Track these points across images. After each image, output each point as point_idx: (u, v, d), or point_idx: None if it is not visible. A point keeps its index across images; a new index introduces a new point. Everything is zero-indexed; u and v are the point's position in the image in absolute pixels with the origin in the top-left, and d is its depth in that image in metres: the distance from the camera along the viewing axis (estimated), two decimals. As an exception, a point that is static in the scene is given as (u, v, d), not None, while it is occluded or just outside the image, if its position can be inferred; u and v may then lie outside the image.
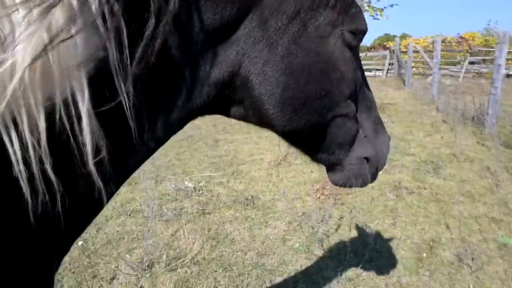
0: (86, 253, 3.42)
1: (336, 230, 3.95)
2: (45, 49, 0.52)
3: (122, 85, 0.63)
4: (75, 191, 0.68)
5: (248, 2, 0.78)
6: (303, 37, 0.84)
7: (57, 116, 0.58)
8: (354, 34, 0.92)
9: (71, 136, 0.61)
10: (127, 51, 0.62)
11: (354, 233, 3.86)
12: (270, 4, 0.80)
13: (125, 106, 0.64)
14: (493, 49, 11.35)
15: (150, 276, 3.16)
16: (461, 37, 26.48)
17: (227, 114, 0.98)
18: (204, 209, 4.42)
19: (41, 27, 0.52)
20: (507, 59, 13.63)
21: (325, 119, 0.96)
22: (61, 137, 0.61)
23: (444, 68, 20.24)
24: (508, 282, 3.09)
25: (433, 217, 4.22)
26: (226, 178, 5.46)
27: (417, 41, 26.42)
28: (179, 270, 3.26)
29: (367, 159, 1.13)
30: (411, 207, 4.49)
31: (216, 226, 4.02)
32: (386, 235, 3.84)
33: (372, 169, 1.16)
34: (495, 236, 3.76)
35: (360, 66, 1.07)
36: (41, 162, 0.58)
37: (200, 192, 4.95)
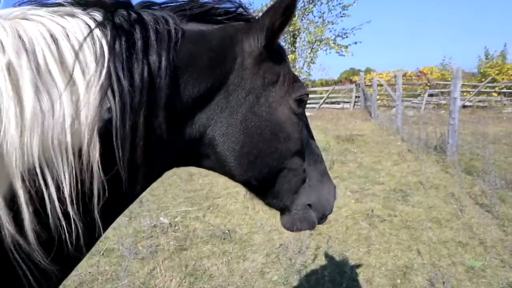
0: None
1: (314, 260, 4.00)
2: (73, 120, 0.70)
3: (119, 143, 0.78)
4: (86, 221, 0.79)
5: (218, 81, 1.00)
6: (257, 106, 1.06)
7: (75, 163, 0.71)
8: (298, 101, 1.13)
9: (84, 180, 0.74)
10: (128, 119, 0.79)
11: (331, 263, 3.93)
12: (234, 83, 1.03)
13: (118, 159, 0.79)
14: (449, 83, 12.23)
15: (126, 317, 3.06)
16: (420, 72, 28.35)
17: (199, 165, 1.16)
18: (181, 245, 4.37)
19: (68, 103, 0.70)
20: (462, 91, 14.70)
21: (275, 171, 1.15)
22: (78, 181, 0.73)
23: (406, 100, 21.44)
24: (478, 304, 3.23)
25: (405, 243, 4.38)
26: (202, 212, 5.43)
27: (380, 75, 28.03)
28: (156, 309, 3.17)
29: (310, 205, 1.28)
30: (384, 234, 4.64)
31: (194, 262, 3.98)
32: (361, 263, 3.93)
33: (318, 214, 1.31)
34: (463, 260, 3.94)
35: (307, 126, 1.26)
36: (62, 202, 0.70)
37: (176, 227, 4.89)
